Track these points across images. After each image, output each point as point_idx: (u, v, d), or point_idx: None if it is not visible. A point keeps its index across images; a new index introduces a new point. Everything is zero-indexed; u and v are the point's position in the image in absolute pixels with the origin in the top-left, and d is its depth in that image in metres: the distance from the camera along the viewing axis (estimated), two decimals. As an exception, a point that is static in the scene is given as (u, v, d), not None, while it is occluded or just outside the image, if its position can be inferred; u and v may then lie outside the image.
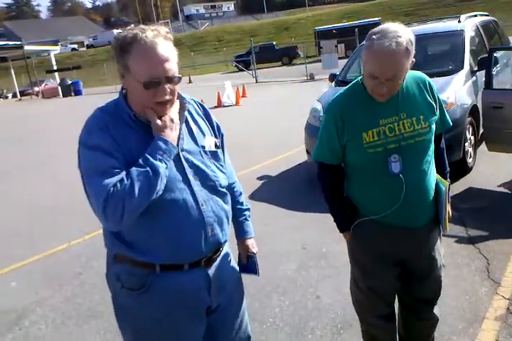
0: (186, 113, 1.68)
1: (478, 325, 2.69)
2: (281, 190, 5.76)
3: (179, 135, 1.60)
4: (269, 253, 3.92)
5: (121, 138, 1.53)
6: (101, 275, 1.75)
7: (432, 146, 1.97)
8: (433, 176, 1.98)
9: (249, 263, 1.92)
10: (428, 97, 1.95)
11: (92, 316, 3.33)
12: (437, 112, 1.98)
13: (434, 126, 1.94)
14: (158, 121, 1.55)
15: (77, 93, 28.54)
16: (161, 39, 1.52)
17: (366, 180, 1.96)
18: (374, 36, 1.72)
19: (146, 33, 1.50)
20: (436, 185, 2.00)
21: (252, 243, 1.94)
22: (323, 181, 2.11)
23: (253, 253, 1.92)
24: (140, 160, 1.49)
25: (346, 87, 2.01)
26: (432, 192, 1.97)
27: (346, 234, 2.08)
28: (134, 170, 1.47)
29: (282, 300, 3.24)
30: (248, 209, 1.95)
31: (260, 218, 4.69)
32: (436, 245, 2.09)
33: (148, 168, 1.47)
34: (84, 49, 60.31)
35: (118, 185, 1.45)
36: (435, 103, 1.97)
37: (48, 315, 3.42)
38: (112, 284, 1.69)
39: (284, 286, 3.42)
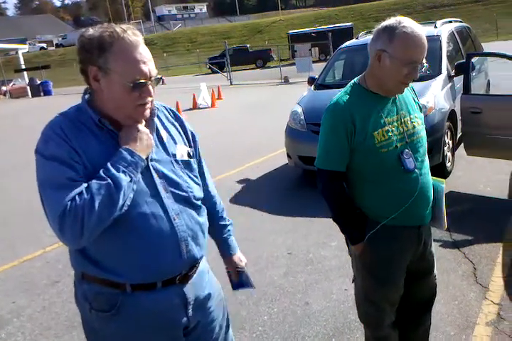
0: (156, 120, 1.57)
1: (470, 330, 2.69)
2: (262, 194, 5.70)
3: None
4: (254, 259, 3.87)
5: (82, 148, 1.40)
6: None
7: None
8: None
9: (241, 279, 1.83)
10: (415, 98, 2.09)
11: (71, 326, 3.20)
12: None
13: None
14: (125, 132, 1.45)
15: (47, 93, 27.82)
16: (141, 39, 1.45)
17: (378, 182, 1.92)
18: (402, 25, 1.79)
19: (127, 32, 1.41)
20: (432, 183, 2.05)
21: (238, 257, 1.83)
22: (333, 192, 1.97)
23: (242, 268, 1.83)
24: (101, 172, 1.36)
25: (346, 90, 1.97)
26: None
27: (359, 245, 2.00)
28: (94, 182, 1.35)
29: (271, 308, 3.18)
30: (231, 225, 1.85)
31: (242, 223, 4.64)
32: (432, 240, 2.16)
33: (109, 180, 1.35)
34: (53, 48, 59.03)
35: (77, 198, 1.32)
36: (418, 103, 2.11)
37: (25, 325, 3.27)
38: (81, 305, 1.55)
39: (271, 293, 3.36)
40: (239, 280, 1.83)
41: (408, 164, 1.89)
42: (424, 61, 1.83)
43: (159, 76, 1.49)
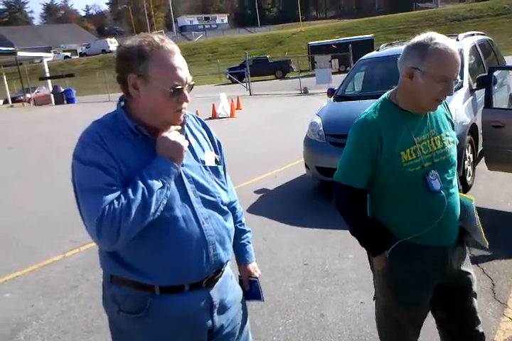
0: (185, 127, 1.63)
1: (488, 347, 2.65)
2: (280, 204, 5.72)
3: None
4: (270, 269, 3.88)
5: (118, 153, 1.45)
6: (97, 289, 1.68)
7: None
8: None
9: (252, 289, 1.83)
10: (447, 114, 2.02)
11: (88, 331, 3.24)
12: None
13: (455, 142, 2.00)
14: (161, 140, 1.49)
15: (70, 101, 28.35)
16: (176, 47, 1.52)
17: (403, 201, 1.88)
18: (434, 41, 1.76)
19: (165, 41, 1.49)
20: (461, 200, 1.98)
21: (254, 267, 1.86)
22: (348, 207, 1.95)
23: (256, 277, 1.84)
24: (137, 178, 1.42)
25: (375, 105, 1.93)
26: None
27: (381, 257, 1.94)
28: (130, 188, 1.41)
29: (286, 318, 3.17)
30: (250, 232, 1.88)
31: (259, 232, 4.66)
32: (467, 259, 2.07)
33: (143, 186, 1.40)
34: (77, 57, 60.17)
35: (115, 202, 1.38)
36: (451, 120, 2.04)
37: (43, 328, 3.32)
38: (109, 307, 1.59)
39: (286, 303, 3.36)
40: (249, 290, 1.83)
41: (434, 185, 1.84)
42: (458, 76, 1.80)
43: (192, 83, 1.54)
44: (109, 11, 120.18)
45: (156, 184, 1.42)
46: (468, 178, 5.48)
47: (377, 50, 7.35)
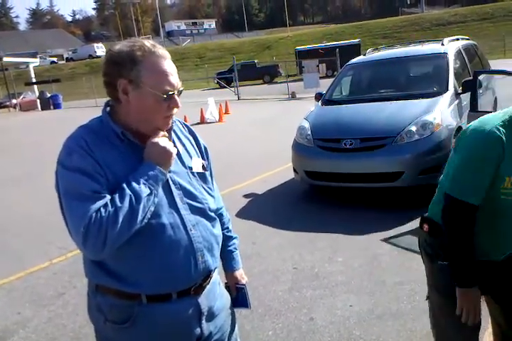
0: (173, 133, 1.61)
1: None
2: (268, 208, 5.71)
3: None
4: (259, 273, 3.88)
5: (104, 160, 1.42)
6: (84, 296, 1.64)
7: None
8: None
9: (239, 296, 1.82)
10: None
11: (76, 338, 3.20)
12: None
13: None
14: (150, 146, 1.47)
15: (57, 106, 28.14)
16: (167, 53, 1.50)
17: (484, 224, 1.77)
18: None
19: (156, 46, 1.47)
20: None
21: (241, 274, 1.84)
22: (459, 224, 1.74)
23: (243, 284, 1.83)
24: (123, 185, 1.39)
25: (504, 119, 1.70)
26: None
27: (469, 294, 1.74)
28: (117, 195, 1.38)
29: (275, 323, 3.17)
30: (236, 238, 1.87)
31: (248, 237, 4.66)
32: None
33: (130, 193, 1.38)
34: (63, 62, 59.79)
35: (102, 210, 1.35)
36: None
37: (30, 336, 3.28)
38: (94, 316, 1.56)
39: (276, 308, 3.35)
40: (236, 297, 1.81)
41: None
42: None
43: (182, 88, 1.52)
44: (95, 16, 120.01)
45: (144, 191, 1.40)
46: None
47: (364, 55, 7.41)
